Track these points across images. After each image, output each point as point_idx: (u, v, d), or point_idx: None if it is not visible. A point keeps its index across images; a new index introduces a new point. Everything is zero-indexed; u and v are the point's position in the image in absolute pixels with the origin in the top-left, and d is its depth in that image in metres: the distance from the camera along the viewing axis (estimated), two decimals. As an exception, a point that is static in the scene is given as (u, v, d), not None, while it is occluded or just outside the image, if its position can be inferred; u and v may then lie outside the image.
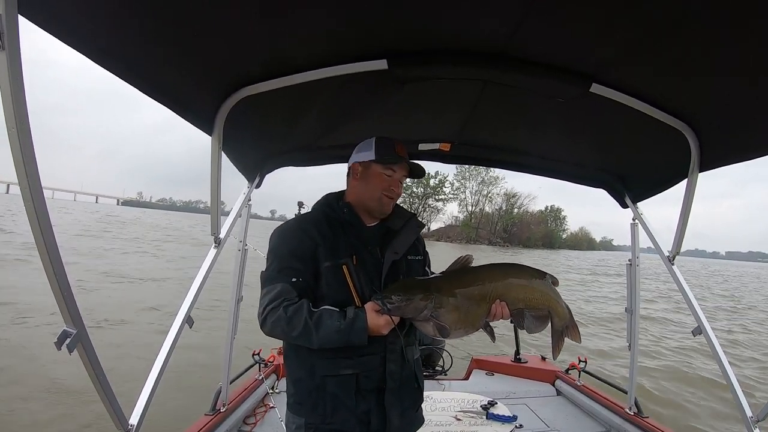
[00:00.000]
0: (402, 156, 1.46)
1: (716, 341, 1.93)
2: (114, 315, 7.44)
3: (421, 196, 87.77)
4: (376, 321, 1.30)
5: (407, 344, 1.47)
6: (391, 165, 1.45)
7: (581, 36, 1.23)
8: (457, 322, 1.37)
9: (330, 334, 1.27)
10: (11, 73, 0.79)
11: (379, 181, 1.45)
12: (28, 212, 0.91)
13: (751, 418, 1.76)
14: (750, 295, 23.83)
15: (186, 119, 1.54)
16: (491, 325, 1.43)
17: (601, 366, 6.52)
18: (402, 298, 1.30)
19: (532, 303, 1.43)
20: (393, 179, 1.46)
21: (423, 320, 1.35)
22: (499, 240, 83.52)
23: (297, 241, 1.39)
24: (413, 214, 1.59)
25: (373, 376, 1.39)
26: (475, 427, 2.73)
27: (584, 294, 16.47)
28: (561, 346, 1.52)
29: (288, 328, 1.29)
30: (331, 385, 1.36)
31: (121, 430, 1.32)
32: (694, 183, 1.80)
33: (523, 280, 1.45)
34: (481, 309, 1.39)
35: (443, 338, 1.38)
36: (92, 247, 17.55)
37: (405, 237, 1.52)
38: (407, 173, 1.50)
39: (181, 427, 2.24)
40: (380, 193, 1.45)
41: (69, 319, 1.06)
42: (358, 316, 1.30)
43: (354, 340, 1.28)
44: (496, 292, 1.39)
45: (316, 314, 1.30)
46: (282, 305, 1.30)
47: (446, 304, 1.35)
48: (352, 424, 1.37)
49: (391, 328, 1.32)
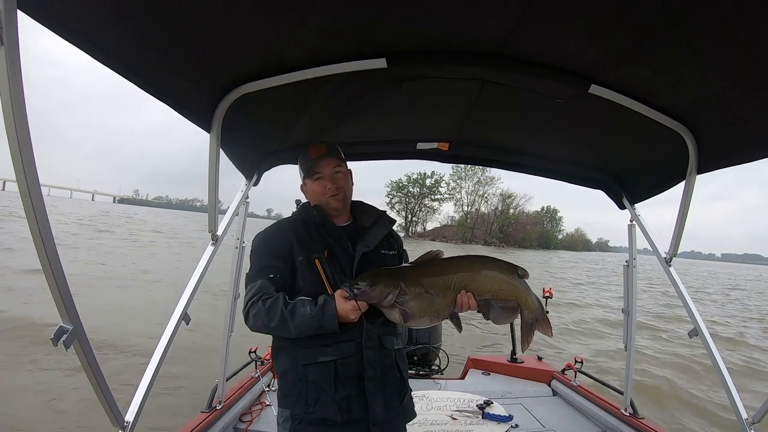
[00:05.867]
0: (314, 157, 1.56)
1: (712, 343, 1.94)
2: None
3: (417, 196, 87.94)
4: (344, 306, 1.37)
5: (385, 333, 1.53)
6: (313, 170, 1.57)
7: (579, 36, 1.23)
8: (421, 310, 1.42)
9: (304, 322, 1.36)
10: (10, 69, 0.79)
11: (316, 191, 1.58)
12: (26, 208, 0.90)
13: (747, 420, 1.77)
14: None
15: (184, 116, 1.54)
16: (459, 315, 1.47)
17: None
18: (367, 284, 1.37)
19: (499, 294, 1.47)
20: (324, 180, 1.56)
21: (388, 306, 1.40)
22: (495, 240, 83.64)
23: (275, 241, 1.52)
24: (383, 212, 1.68)
25: (350, 364, 1.46)
26: (470, 426, 2.73)
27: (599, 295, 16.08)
28: (530, 339, 1.56)
29: (267, 319, 1.38)
30: (312, 374, 1.44)
31: (117, 426, 1.31)
32: (692, 185, 1.81)
33: (490, 271, 1.49)
34: (447, 299, 1.44)
35: (407, 325, 1.43)
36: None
37: (376, 232, 1.61)
38: (334, 161, 1.58)
39: (178, 425, 2.24)
40: (323, 199, 1.57)
41: (66, 316, 1.06)
42: (327, 303, 1.39)
43: (325, 325, 1.36)
44: (461, 282, 1.44)
45: (291, 304, 1.39)
46: (261, 299, 1.40)
47: (411, 291, 1.40)
48: (333, 412, 1.43)
49: (359, 313, 1.38)
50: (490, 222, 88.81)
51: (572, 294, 16.03)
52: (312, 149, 1.57)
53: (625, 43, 1.23)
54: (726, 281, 38.22)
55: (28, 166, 0.87)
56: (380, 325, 1.50)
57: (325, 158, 1.56)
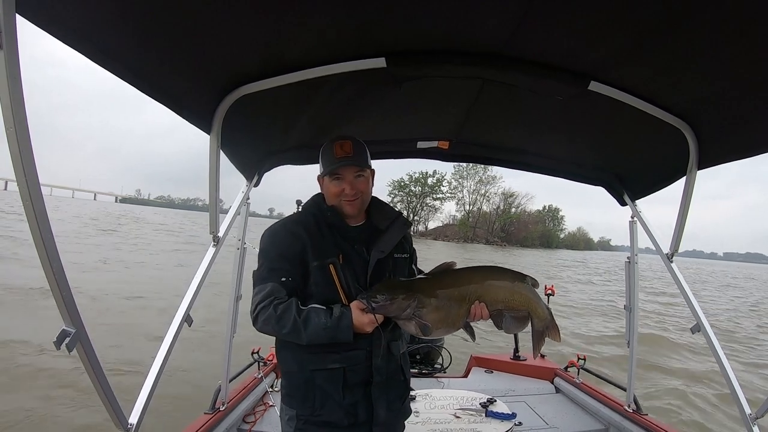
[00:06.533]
0: (341, 156, 1.46)
1: (715, 339, 1.93)
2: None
3: (418, 195, 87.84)
4: (361, 319, 1.35)
5: (392, 339, 1.52)
6: (335, 172, 1.47)
7: (579, 35, 1.23)
8: (438, 321, 1.42)
9: (317, 332, 1.33)
10: (9, 72, 0.79)
11: (332, 190, 1.50)
12: (26, 210, 0.90)
13: (750, 416, 1.77)
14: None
15: (184, 118, 1.54)
16: (472, 325, 1.48)
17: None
18: (386, 298, 1.36)
19: (511, 304, 1.48)
20: (344, 183, 1.48)
21: (406, 319, 1.40)
22: (497, 239, 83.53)
23: (286, 243, 1.45)
24: (399, 213, 1.62)
25: (359, 371, 1.45)
26: (474, 424, 2.73)
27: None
28: (541, 346, 1.57)
29: (278, 326, 1.35)
30: (319, 379, 1.43)
31: (120, 429, 1.32)
32: (693, 180, 1.80)
33: (502, 282, 1.51)
34: (462, 309, 1.44)
35: (425, 337, 1.43)
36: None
37: (391, 236, 1.56)
38: (357, 168, 1.49)
39: (181, 426, 2.24)
40: (338, 200, 1.50)
41: (68, 319, 1.06)
42: (344, 315, 1.35)
43: (340, 337, 1.34)
44: (475, 293, 1.45)
45: (304, 312, 1.36)
46: (272, 304, 1.36)
47: (428, 304, 1.41)
48: (340, 417, 1.43)
49: (375, 326, 1.37)
50: (492, 221, 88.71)
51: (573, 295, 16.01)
52: (337, 146, 1.46)
53: (625, 43, 1.23)
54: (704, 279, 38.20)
55: (28, 167, 0.87)
56: (389, 332, 1.48)
57: (350, 163, 1.46)
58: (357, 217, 1.56)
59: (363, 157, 1.51)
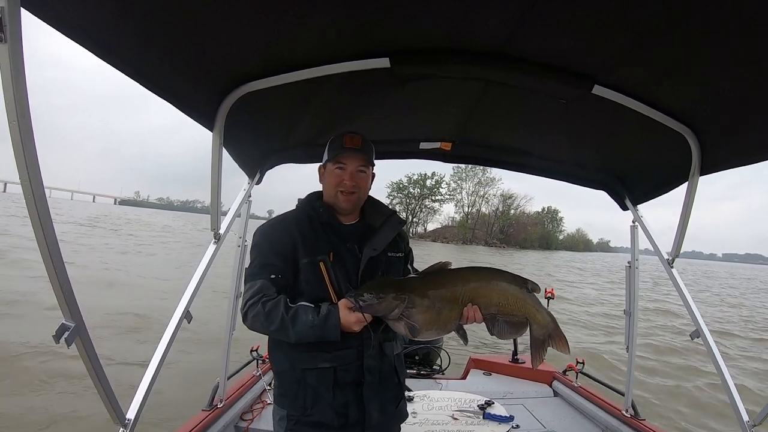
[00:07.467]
0: (349, 146, 1.46)
1: (714, 344, 1.93)
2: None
3: (417, 197, 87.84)
4: (348, 318, 1.33)
5: (386, 339, 1.50)
6: (339, 158, 1.47)
7: (579, 35, 1.23)
8: (428, 323, 1.39)
9: (305, 330, 1.32)
10: (13, 67, 0.79)
11: (332, 179, 1.49)
12: (29, 206, 0.91)
13: (748, 423, 1.77)
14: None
15: (187, 114, 1.54)
16: (465, 328, 1.44)
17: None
18: (374, 297, 1.33)
19: (506, 309, 1.43)
20: (345, 173, 1.47)
21: (394, 319, 1.37)
22: (496, 241, 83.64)
23: (277, 239, 1.44)
24: (393, 211, 1.62)
25: (350, 370, 1.43)
26: (471, 426, 2.73)
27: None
28: (542, 355, 1.48)
29: (266, 322, 1.34)
30: (310, 378, 1.41)
31: (118, 424, 1.32)
32: (695, 186, 1.80)
33: (498, 285, 1.45)
34: (454, 311, 1.40)
35: (414, 338, 1.41)
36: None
37: (384, 233, 1.55)
38: (362, 160, 1.49)
39: (178, 422, 2.24)
40: (335, 190, 1.49)
41: (68, 313, 1.06)
42: (331, 313, 1.34)
43: (327, 336, 1.33)
44: (468, 295, 1.41)
45: (293, 310, 1.35)
46: (261, 300, 1.35)
47: (418, 304, 1.37)
48: (330, 417, 1.41)
49: (363, 325, 1.35)
50: (491, 223, 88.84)
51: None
52: (347, 137, 1.47)
53: (626, 43, 1.23)
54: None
55: (31, 164, 0.87)
56: (381, 332, 1.45)
57: (356, 154, 1.47)
58: (351, 215, 1.55)
59: (370, 153, 1.51)
